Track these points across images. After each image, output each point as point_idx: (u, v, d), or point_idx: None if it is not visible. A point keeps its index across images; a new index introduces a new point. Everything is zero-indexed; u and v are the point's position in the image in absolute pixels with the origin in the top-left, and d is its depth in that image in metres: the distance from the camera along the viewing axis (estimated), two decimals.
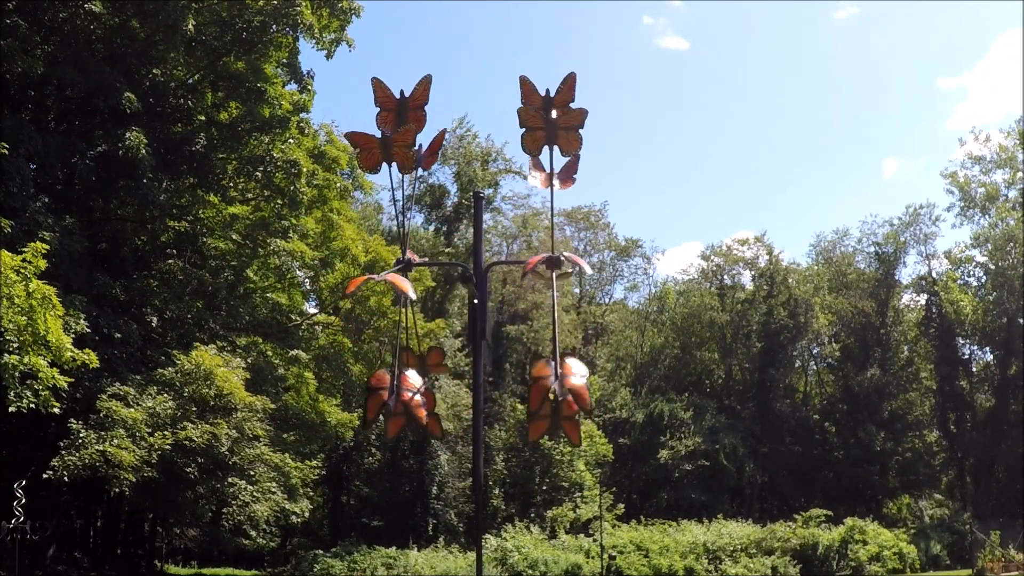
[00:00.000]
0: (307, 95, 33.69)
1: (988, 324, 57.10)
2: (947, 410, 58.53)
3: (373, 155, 5.86)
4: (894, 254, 60.89)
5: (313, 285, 39.51)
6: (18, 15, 26.98)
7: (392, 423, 5.41)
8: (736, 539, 39.38)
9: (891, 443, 56.63)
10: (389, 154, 5.82)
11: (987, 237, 56.88)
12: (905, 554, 40.64)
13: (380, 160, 5.86)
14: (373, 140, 5.84)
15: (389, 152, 5.81)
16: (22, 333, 17.97)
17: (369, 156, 5.87)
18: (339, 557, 34.55)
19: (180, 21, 28.41)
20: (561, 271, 6.00)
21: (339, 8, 32.55)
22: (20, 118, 27.28)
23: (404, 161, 5.86)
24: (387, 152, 5.81)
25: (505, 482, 45.04)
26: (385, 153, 5.82)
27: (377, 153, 5.84)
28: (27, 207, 24.91)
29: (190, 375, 27.12)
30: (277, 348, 33.98)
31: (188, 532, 45.32)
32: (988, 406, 58.20)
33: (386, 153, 5.82)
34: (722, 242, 64.24)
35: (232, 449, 27.38)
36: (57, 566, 33.99)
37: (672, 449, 50.59)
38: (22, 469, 26.96)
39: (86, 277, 27.13)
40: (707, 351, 62.37)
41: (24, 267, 17.94)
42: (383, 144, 5.81)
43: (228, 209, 33.11)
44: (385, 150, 5.81)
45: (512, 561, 34.89)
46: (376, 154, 5.85)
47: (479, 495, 9.81)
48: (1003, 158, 56.86)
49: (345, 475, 46.28)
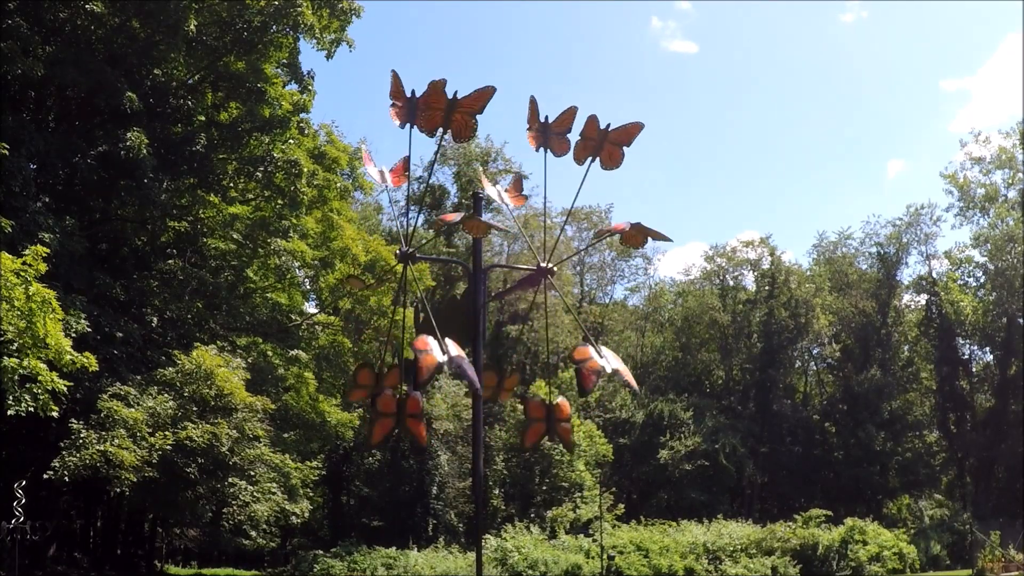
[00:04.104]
0: (307, 95, 33.73)
1: (988, 324, 57.11)
2: (947, 410, 58.55)
3: (435, 116, 5.73)
4: (896, 255, 60.94)
5: (313, 285, 39.52)
6: (19, 16, 27.00)
7: (377, 428, 5.38)
8: (736, 539, 39.38)
9: (891, 443, 56.66)
10: (450, 117, 5.70)
11: (987, 237, 56.90)
12: (905, 554, 40.64)
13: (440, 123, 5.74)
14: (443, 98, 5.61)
15: (451, 113, 5.69)
16: (21, 336, 18.00)
17: (432, 117, 5.72)
18: (339, 557, 34.55)
19: (181, 21, 28.45)
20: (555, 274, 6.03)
21: (339, 8, 32.59)
22: (21, 118, 27.33)
23: (461, 128, 5.75)
24: (449, 115, 5.70)
25: (505, 482, 45.03)
26: (447, 117, 5.71)
27: (439, 115, 5.71)
28: (28, 207, 24.95)
29: (191, 375, 27.15)
30: (277, 348, 33.99)
31: (188, 532, 45.29)
32: (988, 406, 58.20)
33: (448, 117, 5.70)
34: (726, 243, 64.34)
35: (232, 449, 27.40)
36: (57, 566, 33.98)
37: (672, 449, 50.60)
38: (22, 469, 26.96)
39: (87, 277, 27.16)
40: (707, 351, 62.39)
41: (24, 270, 17.96)
42: (449, 106, 5.68)
43: (228, 209, 33.14)
44: (448, 113, 5.70)
45: (512, 561, 34.89)
46: (438, 115, 5.72)
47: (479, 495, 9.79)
48: (1003, 159, 56.88)
49: (345, 475, 46.28)
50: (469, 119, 5.70)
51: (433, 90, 5.54)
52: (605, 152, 5.82)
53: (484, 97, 5.67)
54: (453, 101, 5.61)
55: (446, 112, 5.64)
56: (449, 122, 5.69)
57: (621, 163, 5.87)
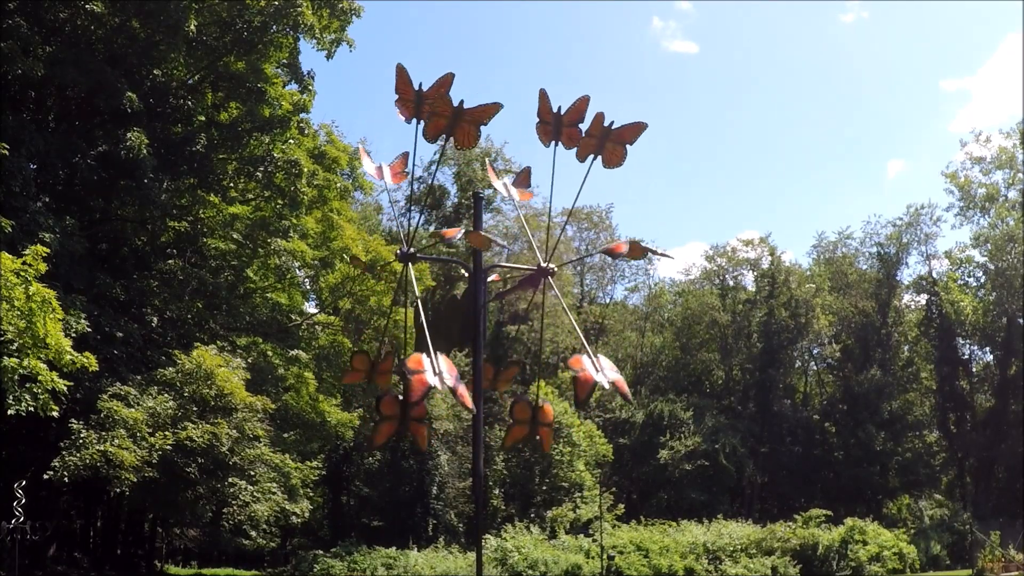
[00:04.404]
0: (307, 95, 33.72)
1: (988, 324, 57.08)
2: (947, 410, 58.52)
3: (439, 123, 5.60)
4: (896, 255, 60.91)
5: (313, 285, 39.51)
6: (19, 15, 26.99)
7: (381, 431, 5.37)
8: (736, 539, 39.36)
9: (891, 443, 56.64)
10: (455, 125, 5.63)
11: (987, 237, 56.86)
12: (905, 554, 40.63)
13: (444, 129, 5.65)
14: (449, 106, 5.47)
15: (457, 122, 5.62)
16: (21, 336, 17.99)
17: (436, 123, 5.57)
18: (339, 557, 34.54)
19: (181, 21, 28.45)
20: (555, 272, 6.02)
21: (339, 8, 32.58)
22: (21, 118, 27.32)
23: (465, 138, 5.67)
24: (454, 124, 5.63)
25: (505, 482, 45.01)
26: (451, 125, 5.64)
27: (443, 122, 5.63)
28: (28, 207, 24.94)
29: (191, 375, 27.14)
30: (277, 348, 33.98)
31: (188, 532, 45.30)
32: (988, 406, 58.18)
33: (452, 125, 5.64)
34: (726, 243, 64.33)
35: (232, 449, 27.39)
36: (57, 566, 33.97)
37: (672, 449, 50.58)
38: (22, 469, 26.96)
39: (87, 277, 27.16)
40: (707, 351, 62.37)
41: (24, 270, 17.96)
42: (454, 114, 5.59)
43: (228, 209, 33.14)
44: (454, 121, 5.62)
45: (512, 561, 34.88)
46: (442, 123, 5.61)
47: (479, 495, 9.78)
48: (1003, 159, 56.85)
49: (345, 475, 46.26)
50: (474, 130, 5.67)
51: (439, 94, 5.49)
52: (607, 151, 5.79)
53: (490, 112, 5.63)
54: (459, 110, 5.55)
55: (451, 120, 5.60)
56: (453, 130, 5.66)
57: (623, 162, 5.83)
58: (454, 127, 5.62)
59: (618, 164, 5.84)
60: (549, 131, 5.78)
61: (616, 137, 5.73)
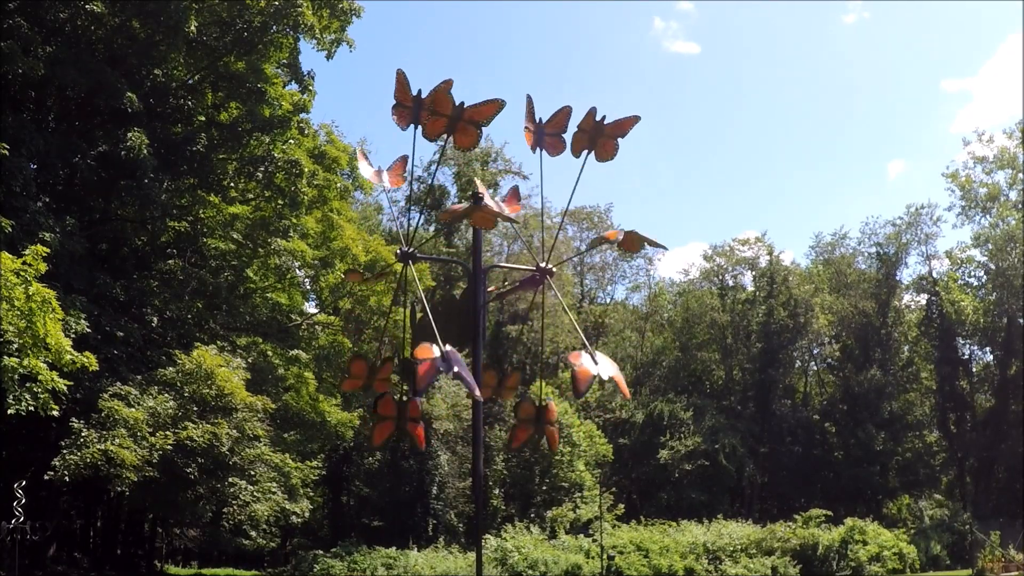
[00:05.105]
0: (307, 95, 33.73)
1: (988, 324, 57.06)
2: (947, 410, 58.48)
3: (439, 123, 5.60)
4: (896, 255, 60.86)
5: (313, 285, 39.51)
6: (19, 15, 27.00)
7: (378, 431, 5.41)
8: (736, 539, 39.36)
9: (891, 443, 56.63)
10: (454, 126, 5.60)
11: (988, 237, 56.82)
12: (905, 554, 40.63)
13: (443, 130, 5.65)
14: (449, 104, 5.47)
15: (455, 124, 5.60)
16: (21, 336, 18.00)
17: (436, 124, 5.58)
18: (339, 557, 34.54)
19: (181, 22, 28.44)
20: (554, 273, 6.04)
21: (339, 9, 32.59)
22: (21, 118, 27.32)
23: (465, 138, 5.66)
24: (454, 124, 5.61)
25: (505, 482, 45.00)
26: (451, 125, 5.62)
27: (443, 122, 5.61)
28: (28, 207, 24.94)
29: (191, 375, 27.15)
30: (277, 348, 33.99)
31: (188, 532, 45.32)
32: (988, 406, 58.15)
33: (452, 125, 5.61)
34: (724, 242, 64.30)
35: (232, 449, 27.40)
36: (57, 566, 33.97)
37: (672, 449, 50.56)
38: (22, 469, 26.98)
39: (87, 277, 27.16)
40: (707, 351, 62.34)
41: (24, 270, 17.96)
42: (454, 114, 5.56)
43: (228, 209, 33.14)
44: (454, 121, 5.60)
45: (512, 561, 34.88)
46: (442, 122, 5.59)
47: (479, 495, 9.81)
48: (1005, 159, 56.81)
49: (345, 475, 46.24)
50: (474, 130, 5.67)
51: (440, 95, 5.47)
52: (599, 145, 5.81)
53: (491, 110, 5.62)
54: (460, 109, 5.55)
55: (451, 120, 5.60)
56: (453, 130, 5.65)
57: (615, 155, 5.85)
58: (454, 127, 5.63)
59: (610, 157, 5.86)
60: (534, 138, 5.82)
61: (608, 131, 5.76)
